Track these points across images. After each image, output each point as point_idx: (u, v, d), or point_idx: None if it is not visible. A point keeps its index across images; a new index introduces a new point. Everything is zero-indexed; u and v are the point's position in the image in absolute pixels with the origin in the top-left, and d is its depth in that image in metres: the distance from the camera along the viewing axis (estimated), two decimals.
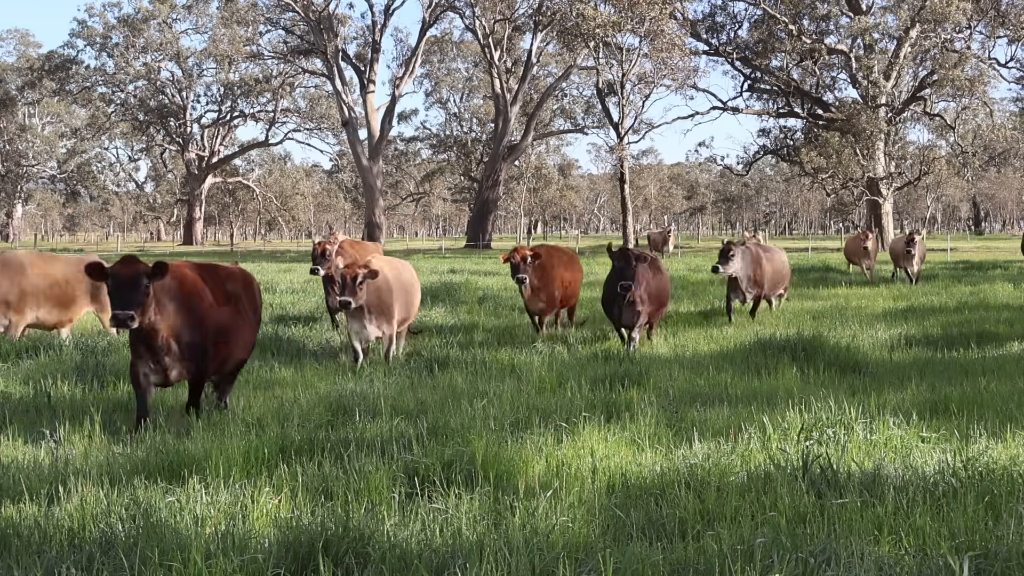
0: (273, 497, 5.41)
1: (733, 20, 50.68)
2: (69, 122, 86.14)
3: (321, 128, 78.82)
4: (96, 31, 74.85)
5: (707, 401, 8.37)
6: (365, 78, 62.61)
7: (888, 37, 48.50)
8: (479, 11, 59.18)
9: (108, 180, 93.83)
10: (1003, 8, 45.94)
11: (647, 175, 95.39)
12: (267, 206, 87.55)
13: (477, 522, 4.99)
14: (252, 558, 4.47)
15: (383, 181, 67.96)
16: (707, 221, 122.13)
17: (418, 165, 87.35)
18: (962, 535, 4.67)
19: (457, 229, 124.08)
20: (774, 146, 53.16)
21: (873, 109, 45.37)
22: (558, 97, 69.01)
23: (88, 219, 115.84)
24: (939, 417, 7.52)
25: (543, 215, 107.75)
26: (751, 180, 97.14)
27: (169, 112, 78.30)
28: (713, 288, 21.80)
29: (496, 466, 5.87)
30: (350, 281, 10.40)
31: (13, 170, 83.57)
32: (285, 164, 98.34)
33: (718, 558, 4.43)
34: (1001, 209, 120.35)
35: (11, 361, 10.95)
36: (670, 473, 5.88)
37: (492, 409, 7.62)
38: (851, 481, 5.55)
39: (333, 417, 7.77)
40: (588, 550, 4.61)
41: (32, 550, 4.79)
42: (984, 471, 5.67)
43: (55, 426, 7.46)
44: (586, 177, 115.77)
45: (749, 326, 14.07)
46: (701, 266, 31.53)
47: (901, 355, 11.18)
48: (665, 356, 11.28)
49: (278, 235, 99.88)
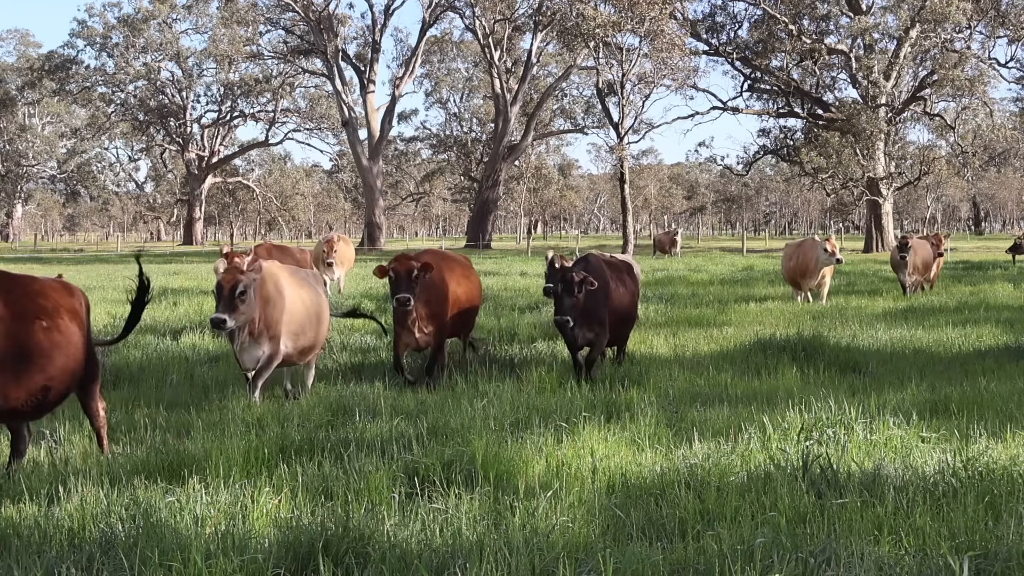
0: (273, 497, 5.41)
1: (733, 20, 50.71)
2: (69, 122, 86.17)
3: (321, 128, 78.83)
4: (96, 31, 74.85)
5: (707, 401, 8.37)
6: (365, 78, 62.63)
7: (888, 37, 48.52)
8: (479, 11, 59.18)
9: (108, 180, 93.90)
10: (1003, 8, 45.95)
11: (647, 175, 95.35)
12: (267, 206, 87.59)
13: (477, 522, 4.99)
14: (252, 558, 4.47)
15: (383, 181, 67.96)
16: (707, 221, 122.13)
17: (418, 165, 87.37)
18: (962, 535, 4.67)
19: (457, 229, 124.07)
20: (774, 146, 53.16)
21: (873, 109, 45.37)
22: (558, 97, 69.01)
23: (88, 219, 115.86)
24: (939, 417, 7.52)
25: (543, 215, 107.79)
26: (751, 180, 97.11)
27: (169, 112, 78.29)
28: (713, 288, 21.80)
29: (496, 466, 5.87)
30: (227, 292, 8.09)
31: (13, 170, 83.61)
32: (285, 164, 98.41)
33: (718, 558, 4.43)
34: (1001, 209, 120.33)
35: None
36: (670, 473, 5.88)
37: (492, 409, 7.62)
38: (851, 481, 5.54)
39: (333, 417, 7.77)
40: (588, 550, 4.61)
41: (32, 550, 4.79)
42: (984, 471, 5.67)
43: (55, 426, 7.46)
44: (586, 177, 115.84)
45: (749, 326, 14.06)
46: (701, 266, 31.53)
47: (901, 355, 11.18)
48: (665, 356, 11.28)
49: (278, 235, 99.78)
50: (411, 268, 9.58)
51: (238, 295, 8.08)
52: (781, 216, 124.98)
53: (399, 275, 9.59)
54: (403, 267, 9.60)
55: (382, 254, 51.35)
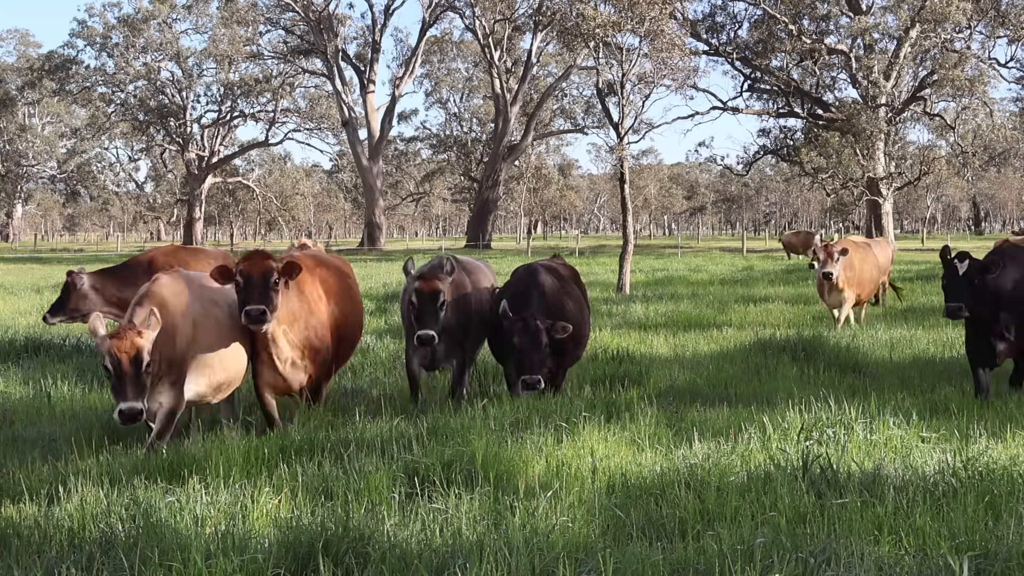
0: (273, 497, 5.41)
1: (733, 20, 50.69)
2: (69, 122, 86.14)
3: (321, 128, 78.73)
4: (96, 31, 74.78)
5: (707, 401, 8.37)
6: (365, 78, 62.63)
7: (888, 37, 48.52)
8: (479, 11, 59.16)
9: (108, 180, 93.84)
10: (1003, 8, 45.93)
11: (647, 175, 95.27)
12: (267, 206, 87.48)
13: (477, 522, 4.99)
14: (252, 558, 4.47)
15: (383, 181, 67.97)
16: (707, 221, 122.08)
17: (418, 165, 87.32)
18: (962, 535, 4.67)
19: (457, 229, 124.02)
20: (774, 146, 53.17)
21: (873, 109, 45.37)
22: (558, 97, 68.95)
23: (88, 219, 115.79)
24: (939, 417, 7.52)
25: (543, 215, 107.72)
26: (751, 180, 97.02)
27: (169, 112, 78.22)
28: (713, 288, 21.79)
29: (496, 466, 5.87)
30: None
31: (13, 170, 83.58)
32: (285, 164, 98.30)
33: (718, 558, 4.43)
34: (1001, 209, 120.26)
35: (11, 361, 10.95)
36: (670, 473, 5.88)
37: (492, 409, 7.61)
38: (851, 481, 5.55)
39: (333, 417, 7.77)
40: (588, 550, 4.61)
41: (32, 550, 4.80)
42: (984, 471, 5.67)
43: (55, 426, 7.45)
44: (586, 177, 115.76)
45: (749, 327, 14.06)
46: (701, 266, 31.52)
47: (901, 355, 11.18)
48: (665, 356, 11.27)
49: (278, 235, 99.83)
50: (268, 270, 6.95)
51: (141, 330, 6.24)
52: (781, 216, 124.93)
53: (250, 280, 6.91)
54: (257, 268, 6.95)
55: (382, 254, 51.33)
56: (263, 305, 6.81)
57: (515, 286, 8.52)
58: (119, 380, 6.11)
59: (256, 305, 6.79)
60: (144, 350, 6.15)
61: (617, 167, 30.74)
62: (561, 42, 50.83)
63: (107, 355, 6.11)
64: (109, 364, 6.11)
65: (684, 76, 48.50)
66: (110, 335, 6.18)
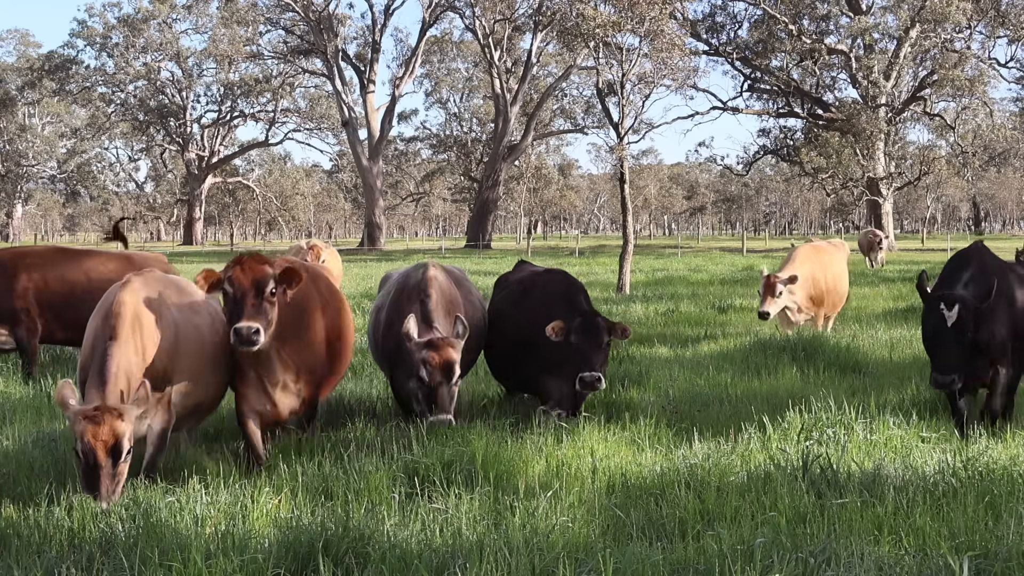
0: (273, 497, 5.41)
1: (733, 20, 50.77)
2: (69, 122, 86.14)
3: (321, 128, 78.84)
4: (96, 31, 74.86)
5: (707, 401, 8.37)
6: (365, 78, 62.64)
7: (888, 37, 48.58)
8: (479, 11, 59.16)
9: (108, 180, 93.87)
10: (1003, 8, 45.98)
11: (647, 175, 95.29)
12: (267, 206, 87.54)
13: (477, 522, 4.99)
14: (252, 558, 4.47)
15: (383, 181, 67.97)
16: (707, 221, 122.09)
17: (418, 165, 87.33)
18: (962, 535, 4.67)
19: (457, 229, 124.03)
20: (774, 146, 53.22)
21: (873, 109, 45.41)
22: (558, 97, 68.96)
23: (88, 219, 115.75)
24: (939, 417, 7.52)
25: (543, 215, 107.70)
26: (751, 180, 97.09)
27: (169, 112, 78.30)
28: (713, 288, 21.79)
29: (496, 466, 5.87)
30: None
31: (13, 170, 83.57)
32: (285, 164, 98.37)
33: (718, 558, 4.43)
34: (1001, 209, 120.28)
35: (11, 361, 10.95)
36: (670, 473, 5.88)
37: (492, 408, 7.61)
38: (851, 481, 5.55)
39: (333, 417, 7.77)
40: (588, 550, 4.61)
41: (32, 550, 4.79)
42: (984, 471, 5.67)
43: (55, 426, 7.45)
44: (586, 177, 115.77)
45: (749, 327, 14.04)
46: (701, 266, 31.53)
47: (901, 355, 11.17)
48: (665, 356, 11.27)
49: (278, 235, 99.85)
50: (263, 278, 5.87)
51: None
52: (781, 216, 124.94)
53: (242, 290, 5.83)
54: (249, 276, 5.86)
55: (382, 254, 51.32)
56: (256, 323, 5.71)
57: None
58: (91, 471, 5.14)
59: (248, 322, 5.69)
60: (125, 437, 5.17)
61: (617, 167, 30.74)
62: (561, 42, 50.84)
63: (79, 440, 5.13)
64: (80, 451, 5.13)
65: (684, 76, 48.47)
66: (84, 414, 5.17)
